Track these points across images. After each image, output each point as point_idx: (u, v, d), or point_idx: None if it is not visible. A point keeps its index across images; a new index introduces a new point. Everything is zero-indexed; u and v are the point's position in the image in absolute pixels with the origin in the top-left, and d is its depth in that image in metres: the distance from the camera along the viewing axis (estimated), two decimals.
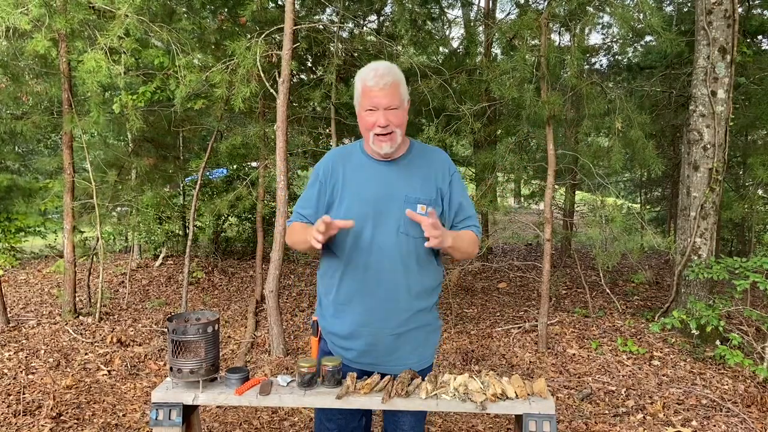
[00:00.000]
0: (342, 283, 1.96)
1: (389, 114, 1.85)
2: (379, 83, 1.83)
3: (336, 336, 2.01)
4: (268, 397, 1.84)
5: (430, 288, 2.01)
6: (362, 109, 1.89)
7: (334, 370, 1.86)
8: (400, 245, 1.90)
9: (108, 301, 6.21)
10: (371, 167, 1.97)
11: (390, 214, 1.90)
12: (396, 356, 1.97)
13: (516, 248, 10.88)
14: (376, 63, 1.90)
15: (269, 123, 6.02)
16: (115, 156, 6.80)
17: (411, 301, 1.95)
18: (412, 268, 1.93)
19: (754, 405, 3.69)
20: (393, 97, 1.85)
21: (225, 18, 6.03)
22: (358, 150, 2.02)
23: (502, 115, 7.45)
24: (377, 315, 1.93)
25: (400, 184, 1.93)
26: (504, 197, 9.70)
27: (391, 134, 1.87)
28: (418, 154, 2.01)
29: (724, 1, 4.81)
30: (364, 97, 1.87)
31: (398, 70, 1.90)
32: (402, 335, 1.96)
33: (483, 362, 4.59)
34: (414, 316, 1.97)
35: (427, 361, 2.07)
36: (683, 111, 7.00)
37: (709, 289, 5.07)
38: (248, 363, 4.56)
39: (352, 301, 1.95)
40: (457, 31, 12.85)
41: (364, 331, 1.94)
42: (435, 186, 1.97)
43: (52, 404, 3.57)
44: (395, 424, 2.07)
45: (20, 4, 4.16)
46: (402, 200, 1.91)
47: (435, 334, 2.09)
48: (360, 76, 1.89)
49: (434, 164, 2.00)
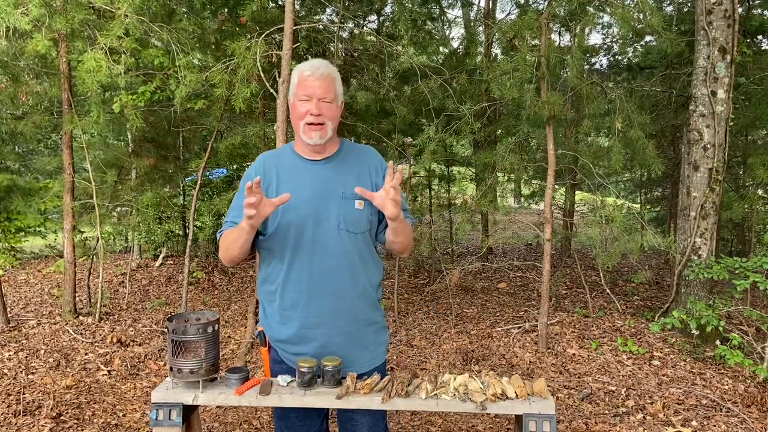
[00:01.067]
0: (286, 287, 1.92)
1: (322, 105, 1.86)
2: (315, 73, 1.85)
3: (285, 343, 1.97)
4: (268, 397, 1.84)
5: (374, 284, 2.01)
6: (296, 99, 1.89)
7: (334, 370, 1.86)
8: (343, 242, 1.89)
9: (108, 301, 6.22)
10: (305, 168, 1.95)
11: (329, 213, 1.89)
12: (349, 356, 1.95)
13: (516, 248, 10.88)
14: (313, 59, 1.95)
15: (269, 123, 6.02)
16: (115, 156, 6.81)
17: (357, 299, 1.94)
18: (356, 264, 1.92)
19: (754, 405, 3.69)
20: (328, 88, 1.86)
21: (225, 18, 6.03)
22: (290, 151, 2.00)
23: (502, 115, 7.46)
24: (326, 316, 1.91)
25: (336, 182, 1.92)
26: (504, 197, 9.71)
27: (322, 125, 1.87)
28: (349, 152, 2.02)
29: (724, 1, 4.81)
30: (299, 86, 1.88)
31: (334, 67, 1.94)
32: (352, 333, 1.95)
33: (483, 362, 4.59)
34: (362, 313, 1.97)
35: (380, 359, 2.05)
36: (683, 111, 7.00)
37: (709, 289, 5.07)
38: (248, 363, 4.56)
39: (299, 304, 1.91)
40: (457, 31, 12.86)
41: (314, 334, 1.92)
42: (370, 181, 1.96)
43: (52, 404, 3.57)
44: (353, 427, 2.03)
45: (20, 4, 4.16)
46: (339, 197, 1.90)
47: (383, 332, 2.08)
48: (297, 69, 1.91)
49: (366, 161, 2.00)
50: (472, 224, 6.62)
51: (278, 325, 1.97)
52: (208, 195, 8.36)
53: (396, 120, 5.89)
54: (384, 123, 6.33)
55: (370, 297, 1.99)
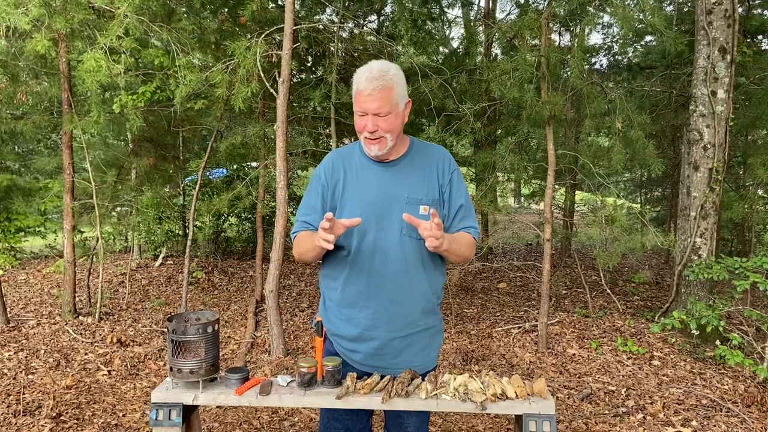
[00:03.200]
0: (346, 285, 1.94)
1: (378, 120, 1.81)
2: (368, 88, 1.78)
3: (343, 339, 1.99)
4: (268, 397, 1.84)
5: (434, 290, 2.00)
6: (355, 111, 1.87)
7: (334, 370, 1.85)
8: (404, 247, 1.88)
9: (108, 301, 6.21)
10: (371, 169, 1.94)
11: (392, 217, 1.88)
12: (402, 359, 1.96)
13: (516, 248, 10.88)
14: (373, 63, 1.85)
15: (269, 123, 6.02)
16: (114, 156, 6.81)
17: (415, 304, 1.94)
18: (417, 270, 1.92)
19: (754, 405, 3.69)
20: (383, 102, 1.79)
21: (225, 18, 6.02)
22: (358, 151, 1.99)
23: (502, 115, 7.45)
24: (383, 318, 1.91)
25: (401, 186, 1.91)
26: (504, 197, 9.71)
27: (380, 139, 1.85)
28: (417, 153, 1.99)
29: (724, 1, 4.80)
30: (355, 100, 1.84)
31: (395, 71, 1.83)
32: (408, 338, 1.95)
33: (483, 362, 4.59)
34: (419, 318, 1.96)
35: (431, 363, 2.06)
36: (683, 111, 6.99)
37: (709, 289, 5.06)
38: (248, 363, 4.56)
39: (357, 303, 1.93)
40: (457, 31, 12.86)
41: (372, 335, 1.93)
42: (437, 184, 1.95)
43: (52, 404, 3.57)
44: (399, 426, 2.05)
45: (20, 4, 4.16)
46: (404, 202, 1.89)
47: (439, 336, 2.09)
48: (356, 77, 1.84)
49: (435, 163, 1.98)
50: None
51: (339, 321, 1.98)
52: (207, 195, 8.36)
53: None
54: None
55: (430, 302, 1.98)
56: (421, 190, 1.91)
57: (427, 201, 1.91)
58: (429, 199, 1.91)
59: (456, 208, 1.97)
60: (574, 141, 6.95)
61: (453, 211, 1.97)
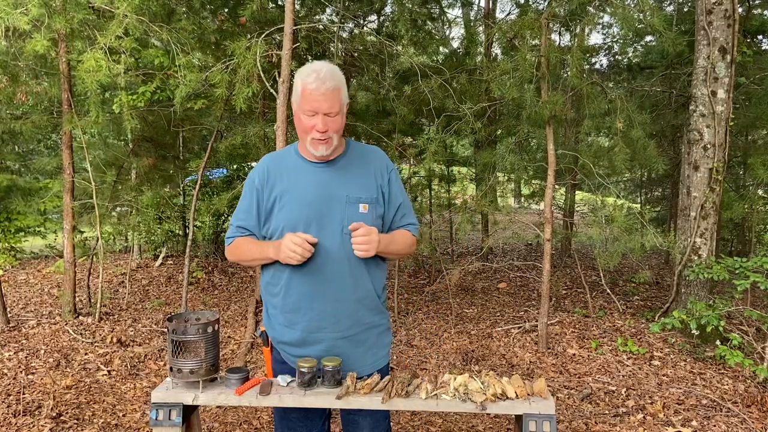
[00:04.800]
0: (289, 290, 1.92)
1: (328, 120, 1.83)
2: (321, 88, 1.79)
3: (288, 345, 1.97)
4: (268, 397, 1.83)
5: (378, 288, 2.01)
6: (301, 111, 1.86)
7: (334, 370, 1.85)
8: (346, 246, 1.88)
9: (108, 301, 6.21)
10: (309, 170, 1.94)
11: (333, 216, 1.88)
12: (352, 359, 1.95)
13: (516, 248, 10.88)
14: (318, 64, 1.84)
15: (269, 123, 6.01)
16: (114, 156, 6.80)
17: (360, 302, 1.94)
18: (359, 268, 1.92)
19: (755, 405, 3.69)
20: (333, 102, 1.82)
21: (225, 18, 6.02)
22: (293, 153, 1.99)
23: (502, 115, 7.45)
24: (328, 319, 1.91)
25: (340, 185, 1.91)
26: (504, 197, 9.70)
27: (328, 139, 1.86)
28: (355, 154, 2.00)
29: (724, 1, 4.80)
30: (303, 98, 1.83)
31: (339, 72, 1.87)
32: (355, 337, 1.95)
33: (483, 362, 4.59)
34: (364, 317, 1.96)
35: (383, 361, 2.06)
36: (683, 111, 6.99)
37: (709, 289, 5.06)
38: (248, 363, 4.56)
39: (301, 307, 1.92)
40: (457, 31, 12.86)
41: (317, 337, 1.92)
42: (376, 184, 1.96)
43: (52, 404, 3.57)
44: (355, 426, 2.04)
45: (20, 4, 4.16)
46: (344, 201, 1.89)
47: (387, 334, 2.08)
48: (301, 76, 1.84)
49: (372, 163, 1.99)
50: (472, 224, 6.61)
51: (282, 327, 1.97)
52: (207, 195, 8.36)
53: (396, 120, 5.89)
54: (384, 123, 6.32)
55: (374, 301, 1.99)
56: (359, 189, 1.92)
57: (367, 200, 1.91)
58: (368, 197, 1.92)
59: (396, 207, 2.01)
60: (574, 141, 6.94)
61: (393, 210, 2.00)
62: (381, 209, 1.96)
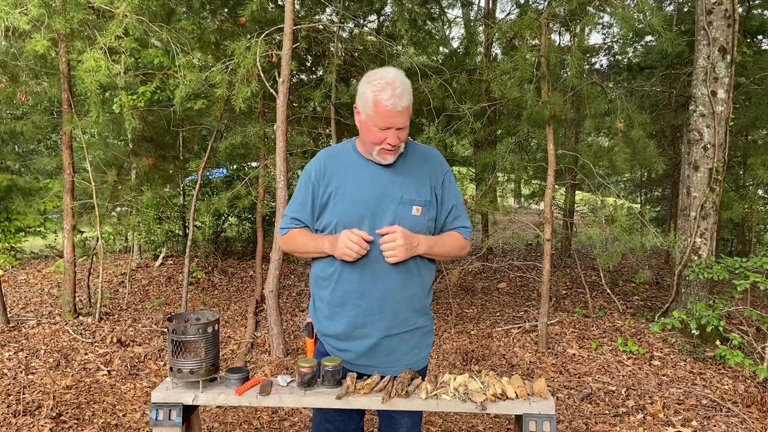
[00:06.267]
0: (337, 284, 1.94)
1: (399, 133, 1.84)
2: (397, 105, 1.78)
3: (332, 338, 1.99)
4: (268, 397, 1.84)
5: (425, 289, 2.01)
6: (372, 124, 1.83)
7: (334, 370, 1.85)
8: None
9: (108, 301, 6.21)
10: (365, 168, 1.95)
11: (385, 216, 1.89)
12: (393, 357, 1.97)
13: (516, 248, 10.88)
14: (391, 74, 1.82)
15: (269, 123, 6.02)
16: (114, 156, 6.80)
17: (406, 303, 1.95)
18: (409, 269, 1.93)
19: (754, 405, 3.69)
20: (406, 117, 1.84)
21: (225, 18, 6.02)
22: (351, 150, 2.00)
23: (502, 115, 7.45)
24: (374, 317, 1.92)
25: (395, 186, 1.92)
26: (504, 197, 9.70)
27: (397, 148, 1.89)
28: (412, 154, 2.00)
29: (724, 1, 4.80)
30: (377, 115, 1.80)
31: (408, 82, 1.84)
32: (398, 336, 1.96)
33: (483, 362, 4.59)
34: (409, 317, 1.97)
35: (423, 362, 2.06)
36: (683, 111, 6.99)
37: (709, 289, 5.06)
38: (248, 363, 4.56)
39: (348, 303, 1.93)
40: (457, 31, 12.85)
41: (364, 332, 1.94)
42: (430, 186, 1.97)
43: (52, 404, 3.57)
44: (392, 426, 2.06)
45: (20, 4, 4.16)
46: (397, 202, 1.90)
47: (429, 336, 2.09)
48: (373, 89, 1.80)
49: (428, 164, 2.00)
50: (472, 224, 6.60)
51: (327, 320, 1.99)
52: (207, 195, 8.36)
53: None
54: None
55: (420, 302, 2.00)
56: (414, 191, 1.93)
57: (420, 202, 1.92)
58: (421, 200, 1.93)
59: (449, 209, 2.01)
60: (574, 141, 6.95)
61: (446, 211, 2.00)
62: (433, 212, 1.96)
